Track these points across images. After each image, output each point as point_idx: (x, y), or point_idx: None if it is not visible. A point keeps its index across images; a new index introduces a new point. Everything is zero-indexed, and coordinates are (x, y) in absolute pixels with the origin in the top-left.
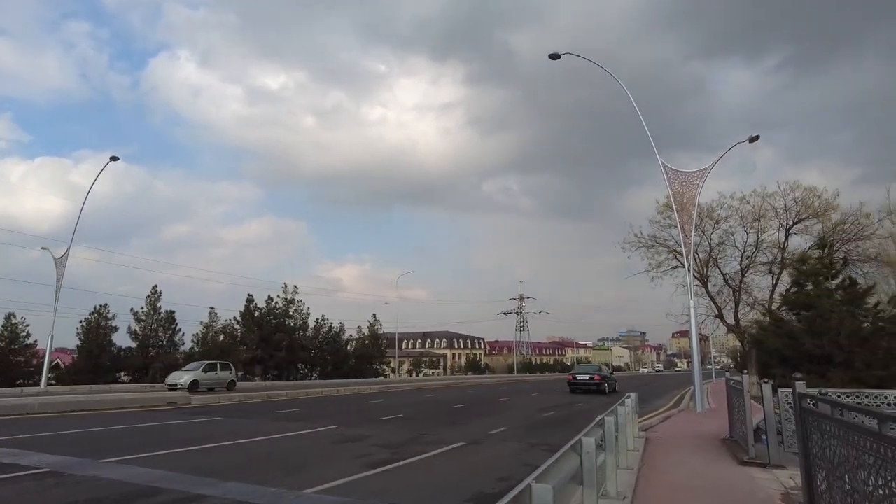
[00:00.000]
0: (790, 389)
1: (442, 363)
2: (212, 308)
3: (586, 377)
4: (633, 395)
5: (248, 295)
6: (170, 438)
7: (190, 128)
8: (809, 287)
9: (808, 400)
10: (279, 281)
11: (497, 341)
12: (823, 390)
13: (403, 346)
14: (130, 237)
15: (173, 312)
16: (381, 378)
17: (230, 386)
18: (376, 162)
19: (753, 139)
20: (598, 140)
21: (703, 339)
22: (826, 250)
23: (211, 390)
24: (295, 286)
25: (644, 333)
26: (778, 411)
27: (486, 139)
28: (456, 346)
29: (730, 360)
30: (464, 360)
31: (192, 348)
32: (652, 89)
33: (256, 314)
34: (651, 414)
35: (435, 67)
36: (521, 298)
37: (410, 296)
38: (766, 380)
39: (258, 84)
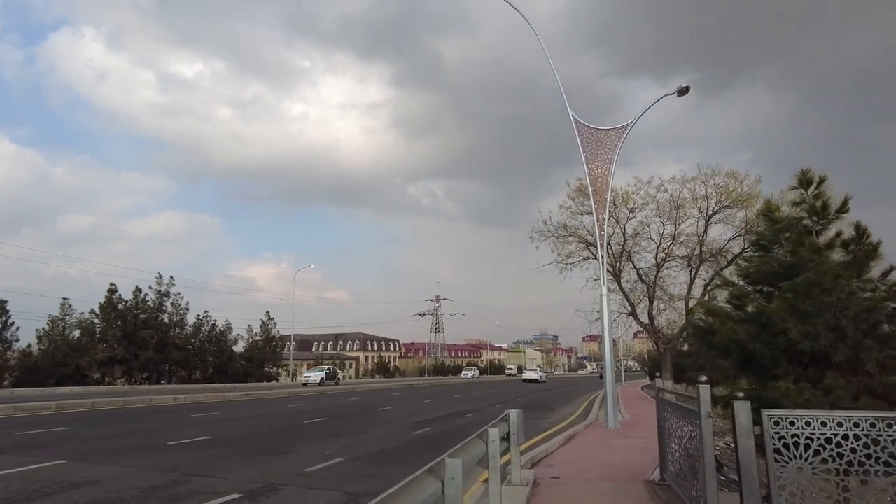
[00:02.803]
0: (784, 413)
1: (354, 366)
2: (65, 299)
3: None
4: (514, 414)
5: (111, 284)
6: None
7: (94, 112)
8: (779, 250)
9: None
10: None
11: (413, 343)
12: None
13: (314, 348)
14: (21, 227)
15: (5, 302)
16: (266, 383)
17: None
18: (298, 158)
19: (682, 92)
20: (521, 150)
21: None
22: (814, 188)
23: None
24: (171, 277)
25: (556, 337)
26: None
27: (412, 142)
28: (370, 348)
29: (636, 364)
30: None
31: (29, 346)
32: (575, 102)
33: (121, 307)
34: (550, 431)
35: (361, 66)
36: (438, 300)
37: (330, 296)
38: (738, 394)
39: (172, 71)
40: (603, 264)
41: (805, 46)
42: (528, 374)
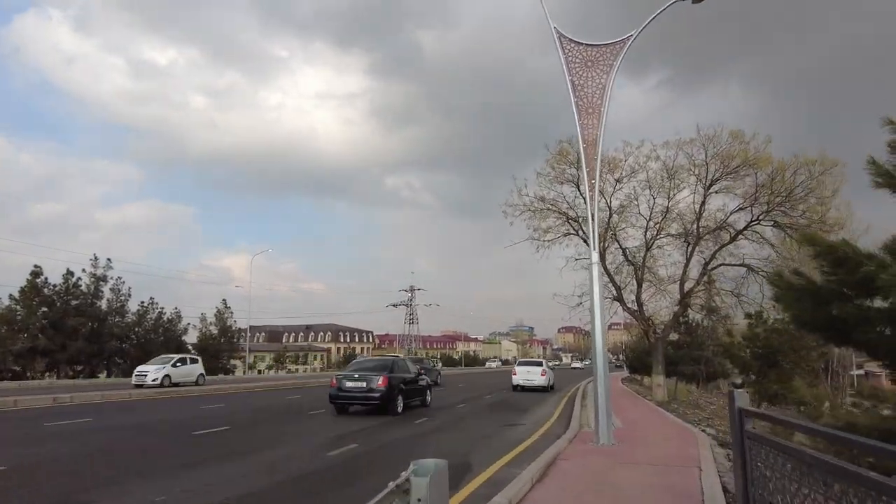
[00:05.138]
0: None
1: (325, 358)
2: None
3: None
4: (422, 480)
5: (35, 266)
6: None
7: (62, 98)
8: None
9: None
10: (160, 268)
11: (387, 335)
12: None
13: (284, 339)
14: None
15: None
16: (221, 377)
17: None
18: (275, 148)
19: None
20: (498, 144)
21: (585, 334)
22: None
23: None
24: (108, 259)
25: (532, 328)
26: None
27: (390, 133)
28: (342, 340)
29: (611, 356)
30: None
31: None
32: (550, 97)
33: (47, 292)
34: (520, 448)
35: (339, 55)
36: (412, 290)
37: (305, 287)
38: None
39: (144, 57)
40: (594, 218)
41: (771, 47)
42: (575, 364)
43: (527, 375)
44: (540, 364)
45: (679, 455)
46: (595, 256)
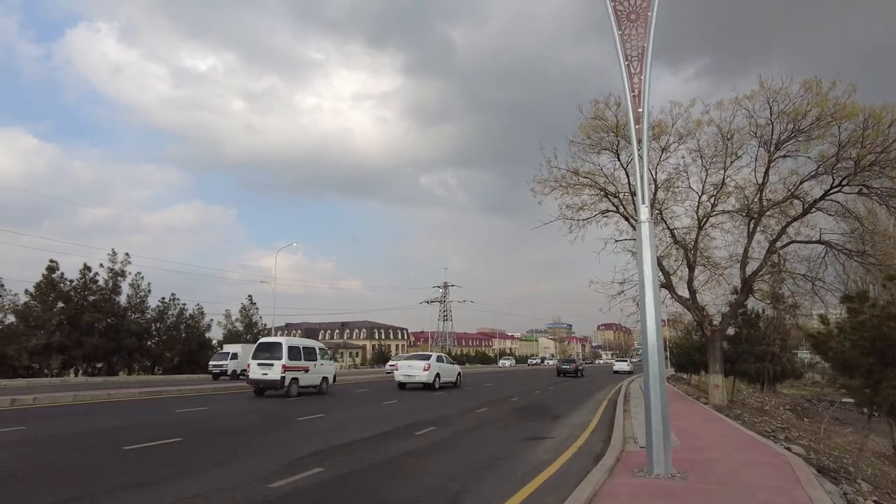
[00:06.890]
0: None
1: (360, 354)
2: None
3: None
4: None
5: (51, 261)
6: None
7: (109, 106)
8: None
9: None
10: (204, 267)
11: (422, 332)
12: None
13: (320, 337)
14: (42, 219)
15: None
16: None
17: None
18: (311, 150)
19: None
20: (532, 139)
21: (625, 332)
22: None
23: None
24: (126, 254)
25: (570, 325)
26: None
27: (424, 132)
28: (376, 337)
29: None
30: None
31: None
32: (584, 90)
33: (63, 287)
34: (544, 476)
35: (373, 55)
36: (446, 286)
37: (343, 286)
38: None
39: (185, 64)
40: (643, 159)
41: (811, 30)
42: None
43: (620, 365)
44: (626, 360)
45: (779, 500)
46: (645, 213)
